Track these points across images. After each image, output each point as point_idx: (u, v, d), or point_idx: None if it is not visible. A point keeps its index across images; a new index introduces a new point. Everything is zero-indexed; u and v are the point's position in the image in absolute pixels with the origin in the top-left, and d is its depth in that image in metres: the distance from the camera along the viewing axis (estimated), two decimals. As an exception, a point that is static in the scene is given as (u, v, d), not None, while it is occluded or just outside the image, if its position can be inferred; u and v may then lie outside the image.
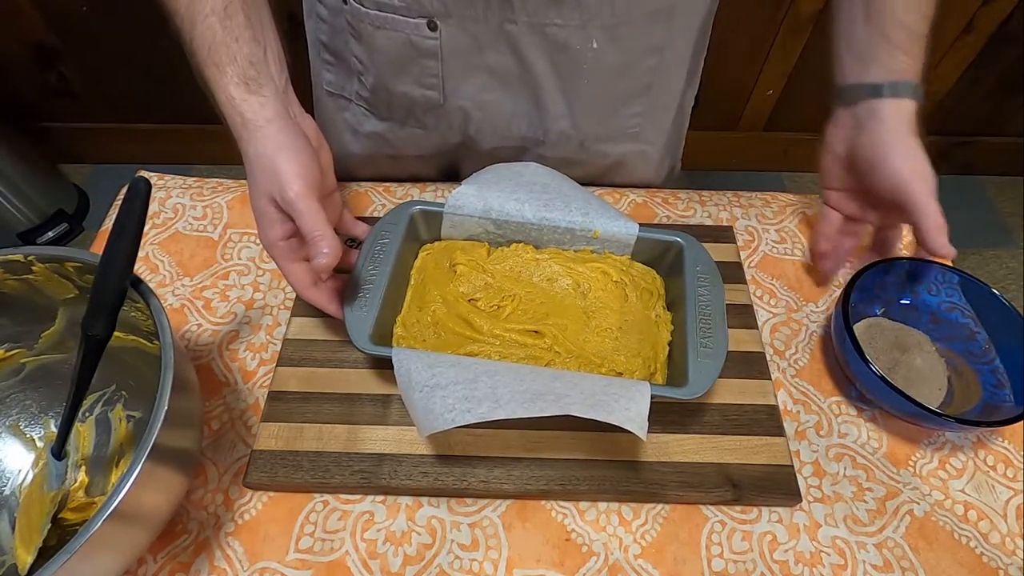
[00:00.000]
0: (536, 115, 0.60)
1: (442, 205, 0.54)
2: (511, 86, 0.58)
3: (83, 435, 0.47)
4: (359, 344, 0.44)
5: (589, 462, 0.46)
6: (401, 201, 0.64)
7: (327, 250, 0.42)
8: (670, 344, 0.49)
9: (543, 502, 0.46)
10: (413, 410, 0.42)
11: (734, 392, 0.50)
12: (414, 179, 0.67)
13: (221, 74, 0.43)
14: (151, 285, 0.41)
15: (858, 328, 0.52)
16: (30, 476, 0.46)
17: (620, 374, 0.47)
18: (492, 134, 0.63)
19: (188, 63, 0.45)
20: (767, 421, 0.48)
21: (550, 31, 0.52)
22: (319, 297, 0.46)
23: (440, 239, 0.56)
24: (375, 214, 0.63)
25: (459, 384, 0.41)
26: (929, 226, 0.49)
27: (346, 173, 0.67)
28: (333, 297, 0.47)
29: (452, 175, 0.72)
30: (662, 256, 0.53)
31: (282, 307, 0.56)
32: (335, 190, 0.50)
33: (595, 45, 0.53)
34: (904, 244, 0.60)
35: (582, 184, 0.57)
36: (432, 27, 0.53)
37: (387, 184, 0.65)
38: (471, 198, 0.53)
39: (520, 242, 0.54)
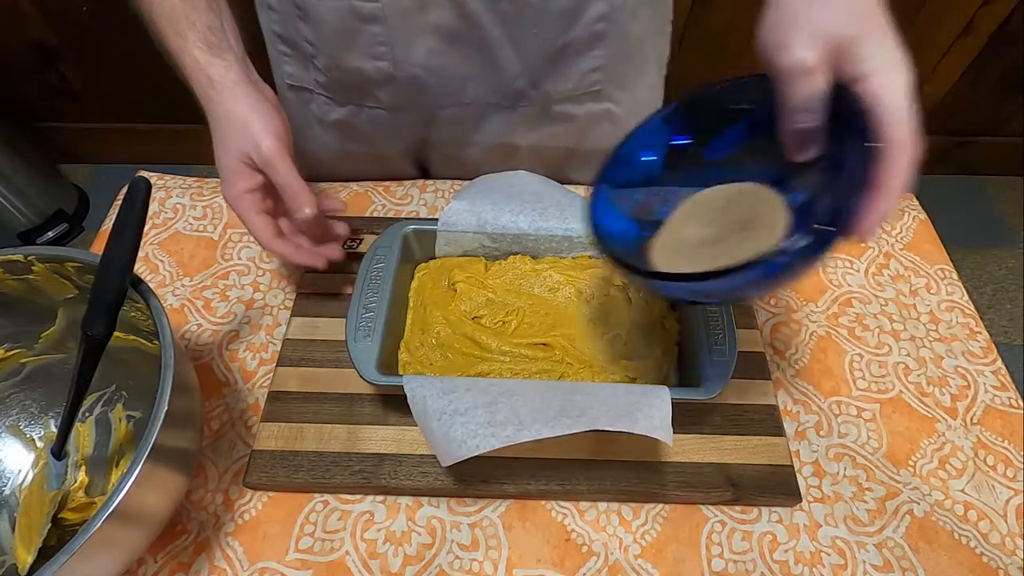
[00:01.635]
0: (492, 76, 0.59)
1: (435, 223, 0.53)
2: (460, 46, 0.56)
3: (83, 435, 0.47)
4: (368, 376, 0.44)
5: (589, 462, 0.46)
6: (401, 200, 0.64)
7: (308, 208, 0.47)
8: (678, 344, 0.49)
9: (543, 502, 0.46)
10: (433, 439, 0.41)
11: (734, 392, 0.49)
12: (388, 177, 0.68)
13: (184, 40, 0.46)
14: (151, 285, 0.41)
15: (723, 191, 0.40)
16: (30, 476, 0.46)
17: (634, 379, 0.47)
18: (448, 100, 0.61)
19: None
20: (767, 421, 0.48)
21: None
22: (285, 248, 0.49)
23: (435, 257, 0.55)
24: (375, 214, 0.63)
25: (478, 408, 0.40)
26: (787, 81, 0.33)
27: (324, 171, 0.68)
28: (298, 249, 0.50)
29: (425, 171, 0.72)
30: (662, 256, 0.53)
31: (282, 307, 0.56)
32: (295, 156, 0.53)
33: None
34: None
35: (559, 157, 0.55)
36: None
37: (387, 184, 0.65)
38: (464, 214, 0.53)
39: (517, 254, 0.54)
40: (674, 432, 0.40)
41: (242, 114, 0.46)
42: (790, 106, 0.34)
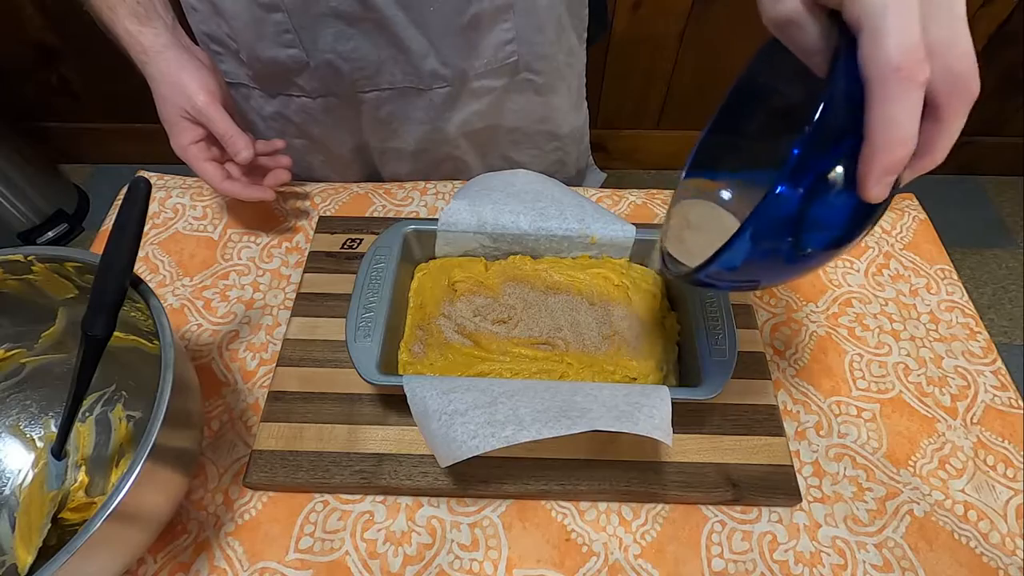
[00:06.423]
0: (403, 58, 0.58)
1: (435, 223, 0.53)
2: (364, 30, 0.56)
3: (83, 435, 0.47)
4: (368, 377, 0.44)
5: (589, 462, 0.46)
6: (402, 202, 0.64)
7: (245, 149, 0.52)
8: (678, 344, 0.49)
9: (543, 502, 0.46)
10: (432, 439, 0.41)
11: (734, 392, 0.49)
12: (340, 176, 0.69)
13: (115, 13, 0.50)
14: (151, 285, 0.41)
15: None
16: (30, 476, 0.46)
17: (634, 379, 0.47)
18: (367, 85, 0.61)
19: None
20: (767, 421, 0.48)
21: None
22: (233, 188, 0.54)
23: (435, 257, 0.55)
24: (375, 214, 0.63)
25: (479, 408, 0.40)
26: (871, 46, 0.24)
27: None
28: (247, 184, 0.55)
29: (374, 168, 0.73)
30: (662, 256, 0.53)
31: (282, 307, 0.56)
32: (235, 111, 0.56)
33: None
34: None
35: (494, 138, 0.56)
36: None
37: (387, 186, 0.66)
38: (464, 214, 0.53)
39: (517, 253, 0.54)
40: (674, 432, 0.40)
41: (174, 74, 0.51)
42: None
